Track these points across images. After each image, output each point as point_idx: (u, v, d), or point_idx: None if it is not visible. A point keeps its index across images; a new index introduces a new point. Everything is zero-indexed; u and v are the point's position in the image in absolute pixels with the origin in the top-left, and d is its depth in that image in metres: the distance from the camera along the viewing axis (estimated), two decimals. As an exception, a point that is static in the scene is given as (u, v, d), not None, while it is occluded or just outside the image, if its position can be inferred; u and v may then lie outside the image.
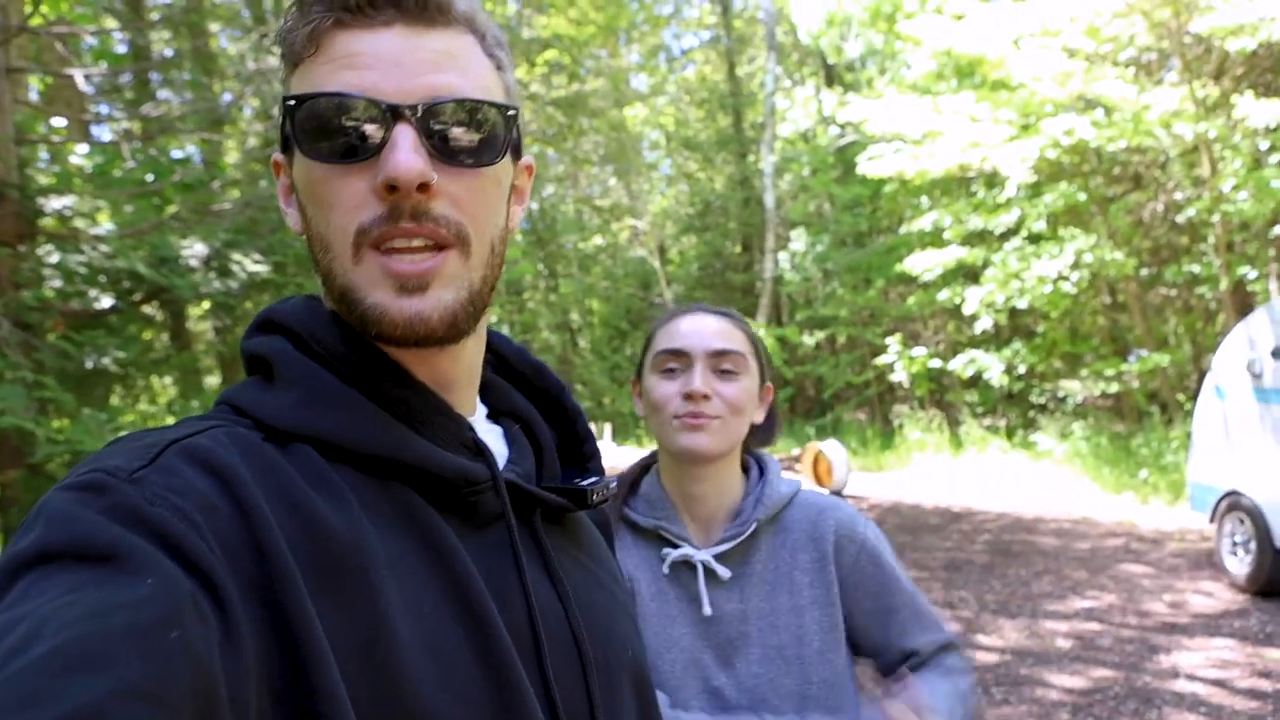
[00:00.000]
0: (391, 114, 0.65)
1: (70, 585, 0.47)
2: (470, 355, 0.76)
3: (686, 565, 1.38)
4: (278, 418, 0.66)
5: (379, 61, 0.66)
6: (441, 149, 0.67)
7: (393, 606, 0.59)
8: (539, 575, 0.73)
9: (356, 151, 0.65)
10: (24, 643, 0.43)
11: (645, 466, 1.50)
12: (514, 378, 0.87)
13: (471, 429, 0.74)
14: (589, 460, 0.88)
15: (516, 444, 0.81)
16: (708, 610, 1.35)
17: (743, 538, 1.37)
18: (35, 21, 5.12)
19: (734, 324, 1.42)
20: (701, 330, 1.39)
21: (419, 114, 0.65)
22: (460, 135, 0.68)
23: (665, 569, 1.38)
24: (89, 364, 4.01)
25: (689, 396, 1.34)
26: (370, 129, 0.65)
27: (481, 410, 0.82)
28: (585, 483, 0.81)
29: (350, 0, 0.66)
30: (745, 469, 1.47)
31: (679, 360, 1.37)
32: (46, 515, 0.51)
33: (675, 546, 1.38)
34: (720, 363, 1.36)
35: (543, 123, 14.70)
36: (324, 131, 0.66)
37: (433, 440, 0.70)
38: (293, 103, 0.67)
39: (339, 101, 0.65)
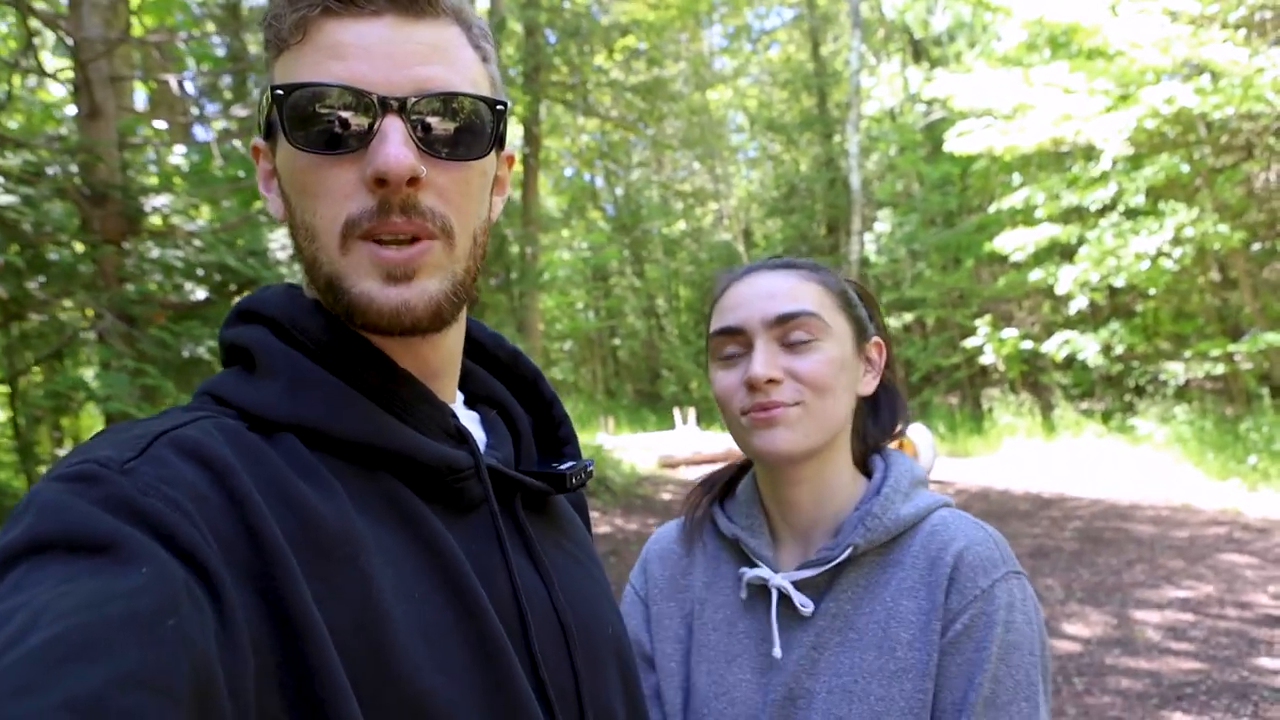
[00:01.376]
0: (380, 105, 0.65)
1: (65, 575, 0.47)
2: (452, 344, 0.78)
3: (764, 592, 1.08)
4: (262, 407, 0.66)
5: (368, 52, 0.66)
6: (429, 141, 0.67)
7: (384, 592, 0.60)
8: (522, 558, 0.75)
9: (344, 142, 0.65)
10: (21, 632, 0.43)
11: (747, 464, 1.20)
12: (490, 364, 0.89)
13: (454, 416, 0.76)
14: (565, 445, 0.90)
15: (495, 430, 0.83)
16: (778, 652, 1.04)
17: (831, 564, 1.03)
18: (135, 31, 5.43)
19: (802, 276, 1.09)
20: (758, 294, 1.06)
21: (408, 106, 0.65)
22: (448, 128, 0.68)
23: (742, 593, 1.10)
24: (185, 353, 4.27)
25: (751, 386, 1.03)
26: (358, 120, 0.65)
27: (460, 397, 0.83)
28: (564, 467, 0.83)
29: None
30: (869, 470, 1.13)
31: (736, 340, 1.07)
32: (37, 506, 0.51)
33: (754, 565, 1.10)
34: (787, 332, 1.04)
35: (623, 109, 14.74)
36: (311, 121, 0.65)
37: (417, 428, 0.71)
38: (280, 91, 0.66)
39: (326, 91, 0.65)
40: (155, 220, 4.87)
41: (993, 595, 0.97)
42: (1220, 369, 11.75)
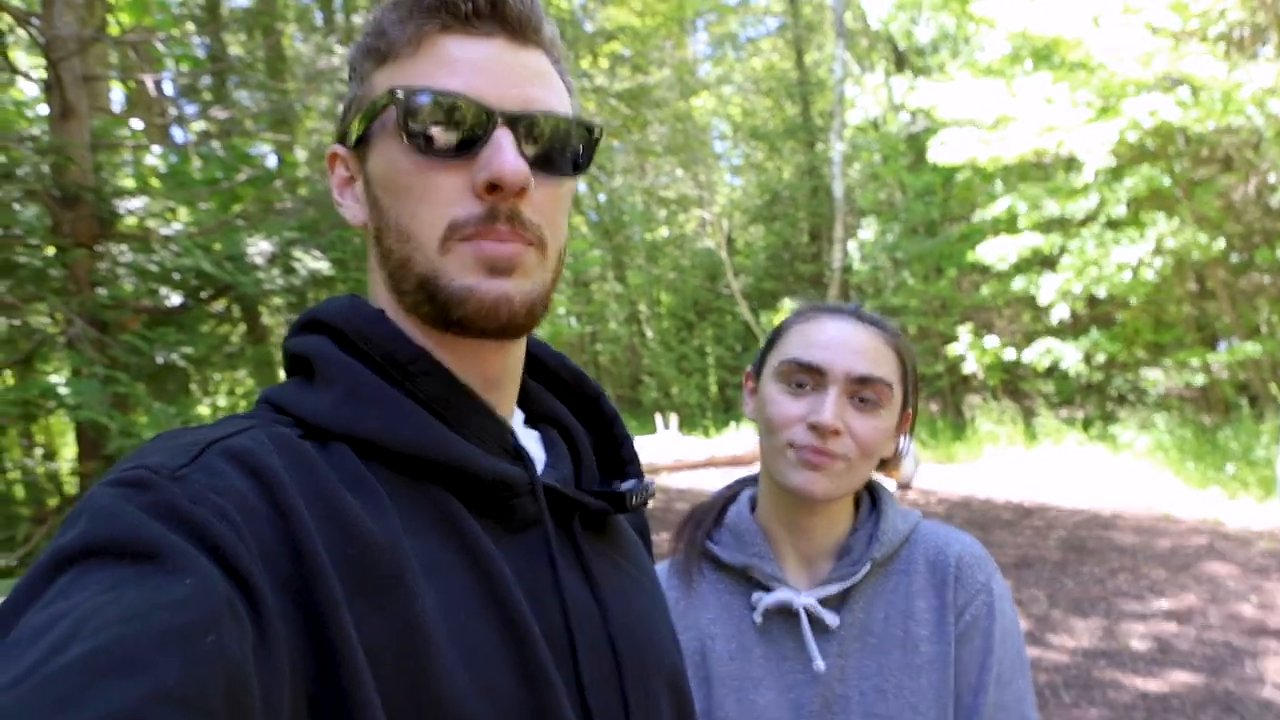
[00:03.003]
0: (494, 117, 0.68)
1: (111, 582, 0.47)
2: (515, 359, 0.78)
3: (781, 614, 1.15)
4: (317, 416, 0.67)
5: (480, 69, 0.69)
6: (533, 157, 0.70)
7: (428, 611, 0.60)
8: (576, 580, 0.73)
9: (456, 148, 0.68)
10: (63, 642, 0.43)
11: (732, 495, 1.27)
12: (551, 382, 0.88)
13: (512, 432, 0.75)
14: (627, 465, 0.88)
15: (554, 449, 0.82)
16: (820, 665, 1.11)
17: (853, 581, 1.14)
18: (112, 31, 5.32)
19: (887, 340, 1.17)
20: (847, 344, 1.13)
21: (518, 121, 0.68)
22: (550, 146, 0.71)
23: (757, 617, 1.15)
24: (159, 359, 4.16)
25: (816, 428, 1.10)
26: (472, 129, 0.67)
27: (519, 415, 0.83)
28: (624, 487, 0.81)
29: (460, 9, 0.69)
30: (855, 498, 1.24)
31: (811, 376, 1.12)
32: (90, 511, 0.52)
33: (766, 590, 1.16)
34: (860, 390, 1.12)
35: (607, 114, 14.71)
36: (425, 125, 0.67)
37: (472, 442, 0.70)
38: (399, 93, 0.68)
39: (445, 98, 0.67)
40: (130, 223, 4.76)
41: (990, 589, 1.13)
42: (1200, 379, 11.85)
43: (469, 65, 0.69)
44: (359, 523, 0.59)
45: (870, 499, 1.23)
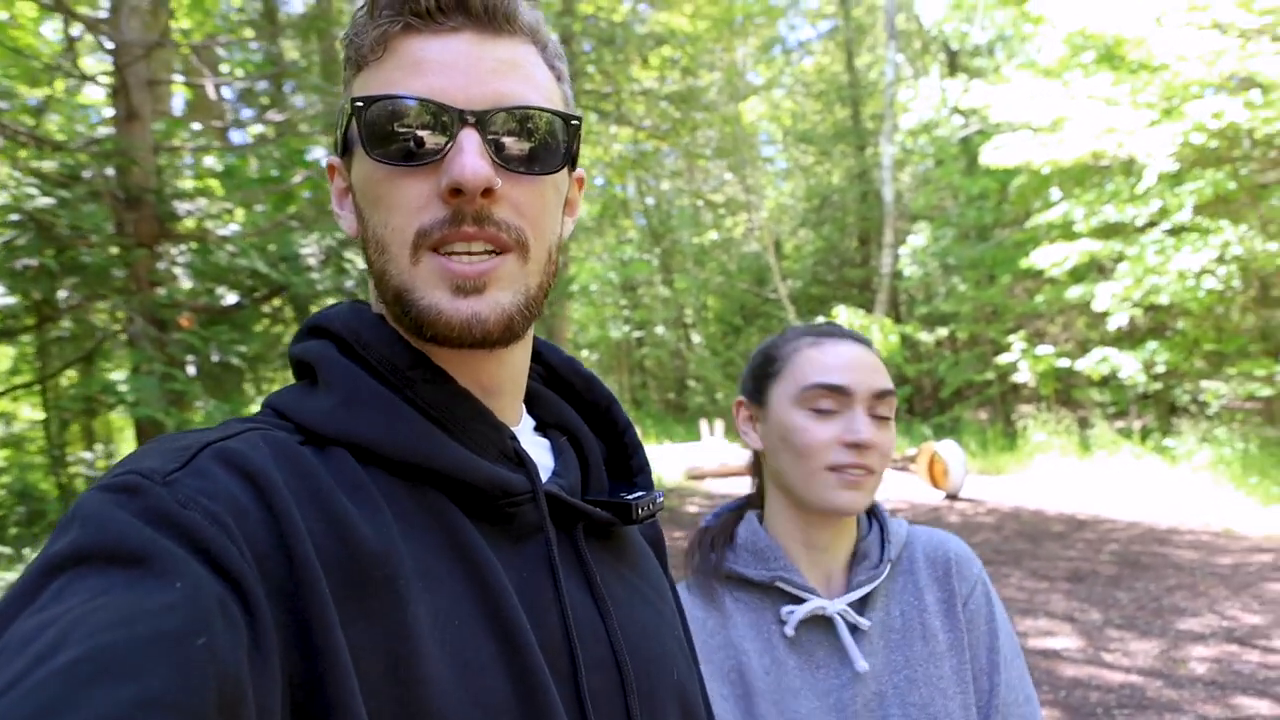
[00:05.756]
0: (458, 118, 0.66)
1: (101, 588, 0.47)
2: (517, 363, 0.76)
3: (810, 623, 1.19)
4: (315, 421, 0.66)
5: (446, 67, 0.67)
6: (505, 155, 0.68)
7: (420, 618, 0.58)
8: (579, 591, 0.71)
9: (421, 154, 0.66)
10: (51, 649, 0.43)
11: (737, 517, 1.30)
12: (563, 389, 0.86)
13: (513, 438, 0.73)
14: (637, 475, 0.85)
15: (563, 456, 0.80)
16: (863, 665, 1.15)
17: (879, 581, 1.20)
18: (176, 36, 5.46)
19: (877, 354, 1.25)
20: (862, 363, 1.19)
21: (485, 119, 0.66)
22: (524, 142, 0.69)
23: (789, 630, 1.18)
24: (215, 358, 4.25)
25: (855, 446, 1.15)
26: (436, 132, 0.66)
27: (529, 422, 0.81)
28: (631, 497, 0.79)
29: (420, 6, 0.67)
30: None
31: (836, 398, 1.17)
32: (81, 517, 0.52)
33: (796, 602, 1.19)
34: (878, 404, 1.19)
35: (657, 118, 14.71)
36: (389, 133, 0.66)
37: (472, 448, 0.69)
38: (360, 104, 0.67)
39: (406, 104, 0.66)
40: (188, 224, 4.87)
41: (983, 578, 1.23)
42: (1265, 390, 11.46)
43: (433, 65, 0.67)
44: (353, 527, 0.59)
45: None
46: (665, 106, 14.72)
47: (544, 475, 0.74)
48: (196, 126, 6.48)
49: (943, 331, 16.91)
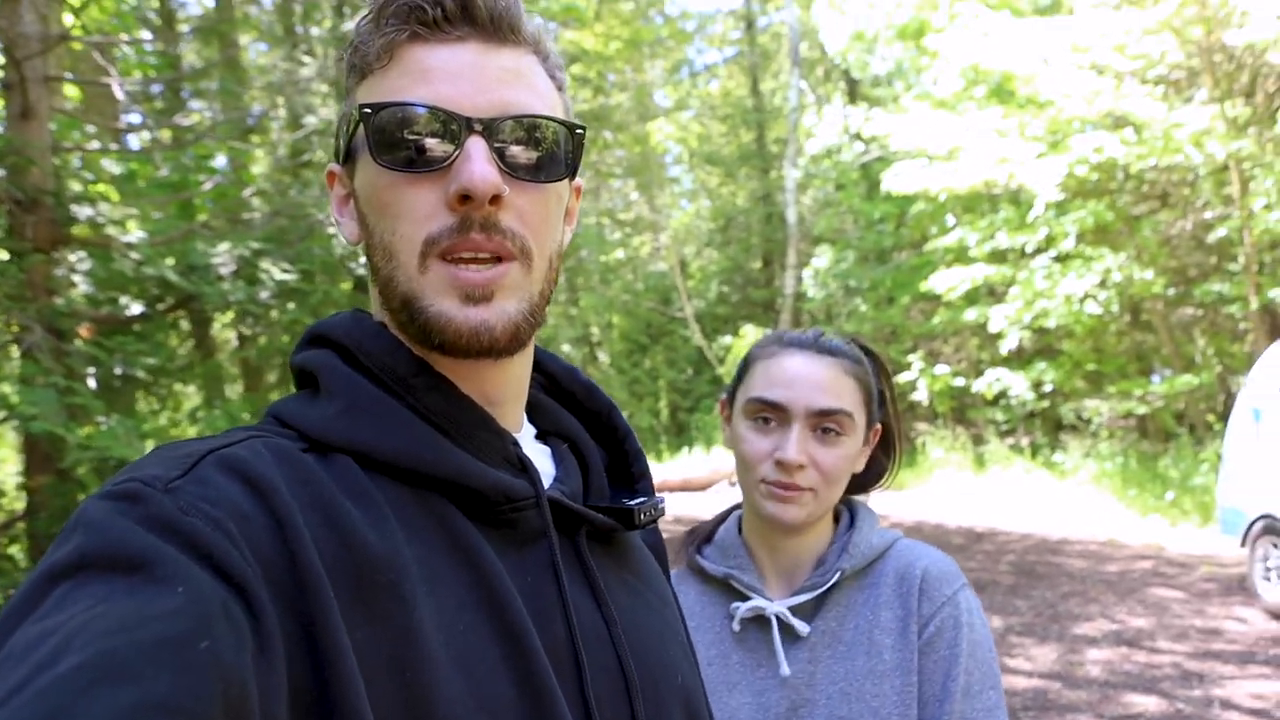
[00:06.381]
0: (465, 126, 0.66)
1: (103, 595, 0.47)
2: (519, 371, 0.76)
3: (757, 622, 1.22)
4: (318, 429, 0.66)
5: (453, 76, 0.67)
6: (510, 163, 0.68)
7: (425, 623, 0.58)
8: (583, 596, 0.71)
9: (428, 162, 0.66)
10: (53, 656, 0.43)
11: (724, 516, 1.35)
12: (563, 398, 0.86)
13: (516, 444, 0.73)
14: (638, 480, 0.86)
15: (564, 463, 0.80)
16: (785, 670, 1.16)
17: (822, 589, 1.20)
18: (74, 31, 5.18)
19: (845, 370, 1.22)
20: (806, 380, 1.19)
21: (492, 127, 0.66)
22: (529, 151, 0.69)
23: (735, 625, 1.22)
24: (118, 370, 4.02)
25: (781, 464, 1.17)
26: (443, 140, 0.66)
27: (530, 430, 0.81)
28: (633, 503, 0.79)
29: (427, 15, 0.67)
30: (835, 515, 1.30)
31: (775, 413, 1.19)
32: (84, 523, 0.51)
33: (746, 599, 1.22)
34: (822, 422, 1.18)
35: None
36: (396, 140, 0.66)
37: (474, 455, 0.69)
38: (368, 110, 0.67)
39: (415, 111, 0.66)
40: (85, 229, 4.61)
41: (956, 601, 1.16)
42: (1140, 408, 12.22)
43: (440, 73, 0.67)
44: (357, 531, 0.59)
45: (850, 516, 1.29)
46: (576, 125, 14.75)
47: (546, 482, 0.74)
48: (91, 128, 6.16)
49: (844, 351, 17.40)
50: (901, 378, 14.96)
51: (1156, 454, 11.75)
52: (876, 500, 1.37)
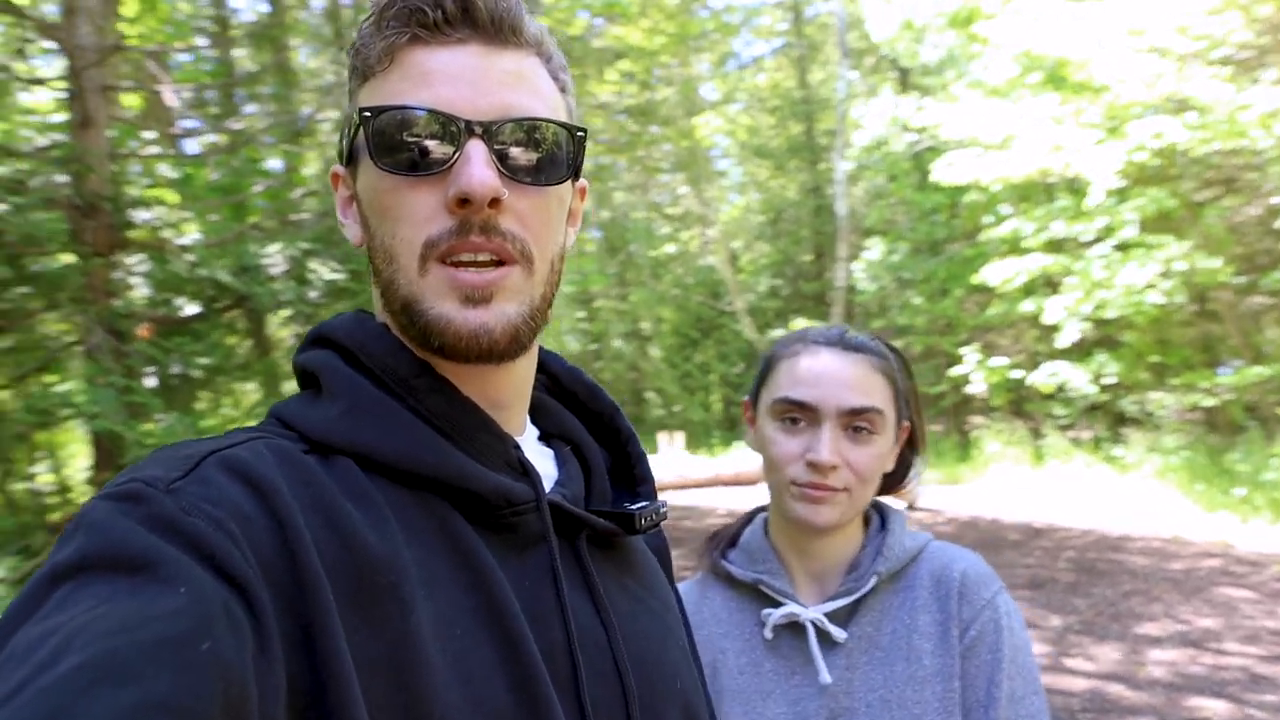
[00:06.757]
0: (465, 129, 0.66)
1: (104, 595, 0.47)
2: (521, 374, 0.76)
3: (790, 629, 1.18)
4: (319, 430, 0.66)
5: (453, 79, 0.67)
6: (511, 166, 0.68)
7: (423, 625, 0.59)
8: (582, 600, 0.71)
9: (428, 165, 0.66)
10: (54, 656, 0.43)
11: (749, 517, 1.32)
12: (567, 399, 0.86)
13: (518, 447, 0.73)
14: (641, 484, 0.86)
15: (567, 466, 0.80)
16: (827, 678, 1.13)
17: (859, 594, 1.17)
18: (130, 41, 5.33)
19: (873, 367, 1.19)
20: (835, 379, 1.16)
21: (491, 130, 0.67)
22: (529, 153, 0.69)
23: (767, 633, 1.18)
24: (175, 369, 4.14)
25: (814, 466, 1.14)
26: (443, 143, 0.66)
27: (533, 432, 0.81)
28: (634, 507, 0.79)
29: (428, 18, 0.68)
30: (865, 518, 1.27)
31: (804, 414, 1.16)
32: (86, 524, 0.52)
33: (776, 605, 1.19)
34: (853, 421, 1.15)
35: (614, 132, 14.76)
36: (396, 143, 0.67)
37: (476, 458, 0.69)
38: (368, 113, 0.67)
39: (414, 114, 0.66)
40: (143, 233, 4.74)
41: (995, 604, 1.14)
42: (1207, 401, 11.82)
43: (440, 76, 0.67)
44: (357, 533, 0.59)
45: (880, 518, 1.26)
46: (622, 120, 14.78)
47: (548, 485, 0.74)
48: (149, 134, 6.33)
49: (898, 344, 17.13)
50: (956, 370, 14.69)
51: (1225, 448, 11.35)
52: (928, 495, 1.33)
